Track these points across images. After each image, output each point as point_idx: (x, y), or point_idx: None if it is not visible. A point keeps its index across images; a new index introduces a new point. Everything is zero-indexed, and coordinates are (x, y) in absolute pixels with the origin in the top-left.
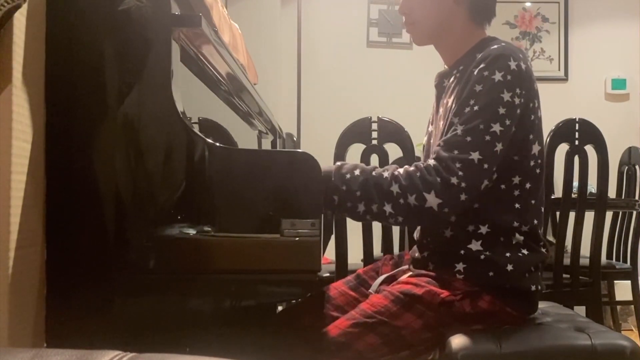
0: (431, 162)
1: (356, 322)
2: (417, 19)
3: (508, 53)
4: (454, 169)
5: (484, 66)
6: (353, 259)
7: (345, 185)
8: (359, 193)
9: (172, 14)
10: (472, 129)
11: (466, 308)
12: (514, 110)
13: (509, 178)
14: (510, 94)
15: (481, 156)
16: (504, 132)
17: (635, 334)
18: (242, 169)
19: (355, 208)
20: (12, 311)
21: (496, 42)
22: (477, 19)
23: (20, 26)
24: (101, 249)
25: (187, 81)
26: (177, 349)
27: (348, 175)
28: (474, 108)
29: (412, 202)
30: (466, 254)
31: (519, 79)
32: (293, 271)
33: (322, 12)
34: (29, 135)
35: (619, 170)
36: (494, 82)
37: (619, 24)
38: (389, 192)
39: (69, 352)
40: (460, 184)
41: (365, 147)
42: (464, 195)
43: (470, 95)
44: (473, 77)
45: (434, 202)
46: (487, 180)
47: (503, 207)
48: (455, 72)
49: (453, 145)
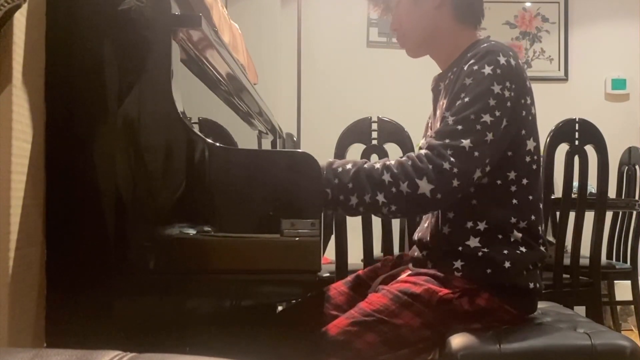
0: (422, 151)
1: (355, 321)
2: (406, 31)
3: (497, 49)
4: (445, 155)
5: (474, 61)
6: (353, 259)
7: (338, 178)
8: (351, 185)
9: (172, 14)
10: (462, 119)
11: (464, 306)
12: (504, 102)
13: (504, 174)
14: (500, 87)
15: (472, 144)
16: (494, 123)
17: (635, 334)
18: (242, 169)
19: (348, 200)
20: (12, 311)
21: (486, 42)
22: (464, 21)
23: (20, 26)
24: (101, 249)
25: (187, 81)
26: (177, 349)
27: (340, 169)
28: (464, 100)
29: (404, 190)
30: (464, 251)
31: (508, 73)
32: (293, 271)
33: (322, 12)
34: (29, 135)
35: (619, 170)
36: (484, 75)
37: (619, 24)
38: (381, 181)
39: (69, 352)
40: (452, 169)
41: (365, 147)
42: (456, 181)
43: (460, 89)
44: (463, 72)
45: (427, 188)
46: (479, 170)
47: (500, 203)
48: (450, 74)
49: (444, 134)
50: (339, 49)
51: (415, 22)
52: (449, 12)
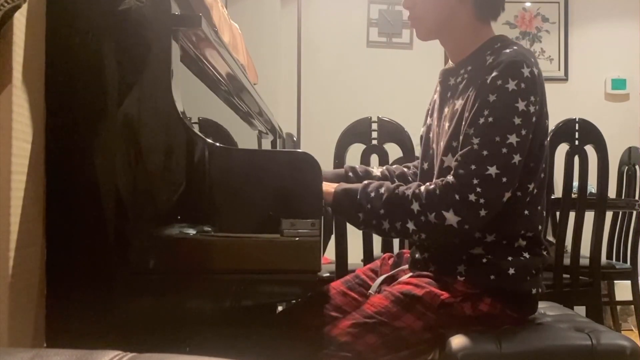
0: (450, 179)
1: (356, 322)
2: (420, 14)
3: (521, 59)
4: (472, 186)
5: (497, 74)
6: (353, 259)
7: (370, 203)
8: (383, 211)
9: (172, 14)
10: (488, 142)
11: (466, 310)
12: (530, 118)
13: (526, 185)
14: (525, 103)
15: (499, 170)
16: (520, 143)
17: (635, 334)
18: (242, 169)
19: (381, 225)
20: (12, 311)
21: (507, 45)
22: (482, 16)
23: (20, 26)
24: (101, 248)
25: (187, 81)
26: (177, 349)
27: (373, 194)
28: (488, 119)
29: (432, 220)
30: (468, 257)
31: (533, 86)
32: (293, 271)
33: (322, 12)
34: (29, 135)
35: (619, 170)
36: (508, 91)
37: (619, 24)
38: (410, 210)
39: (69, 352)
40: (479, 200)
41: (365, 147)
42: (483, 211)
43: (484, 106)
44: (486, 85)
45: (454, 219)
46: (507, 193)
47: (513, 215)
48: (463, 71)
49: (470, 160)
50: (339, 49)
51: (433, 8)
52: (471, 5)
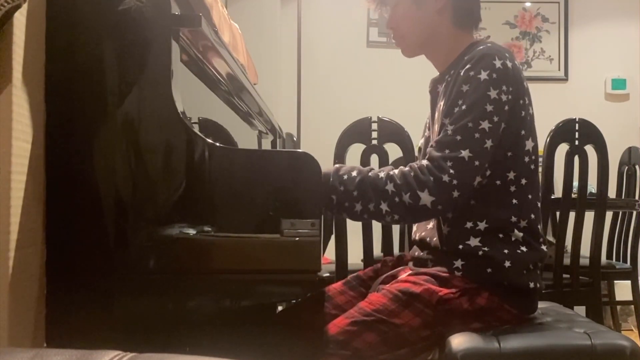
0: (424, 162)
1: (355, 321)
2: (404, 32)
3: (492, 52)
4: (445, 168)
5: (470, 66)
6: (353, 259)
7: (343, 185)
8: (356, 193)
9: (172, 14)
10: (461, 128)
11: (464, 305)
12: (502, 106)
13: (504, 174)
14: (497, 91)
15: (471, 153)
16: (492, 129)
17: (635, 334)
18: (242, 169)
19: (353, 207)
20: (12, 311)
21: (482, 44)
22: (462, 26)
23: (20, 26)
24: (101, 249)
25: (187, 81)
26: (177, 349)
27: (345, 176)
28: (462, 107)
29: (406, 200)
30: (464, 250)
31: (505, 77)
32: (293, 271)
33: (322, 12)
34: (29, 135)
35: (619, 170)
36: (480, 80)
37: (619, 24)
38: (384, 190)
39: (69, 352)
40: (452, 181)
41: (365, 147)
42: (456, 193)
43: (458, 96)
44: (460, 77)
45: (428, 200)
46: (479, 177)
47: (500, 203)
48: (447, 77)
49: (444, 145)
50: (339, 49)
51: (415, 24)
52: (449, 17)
